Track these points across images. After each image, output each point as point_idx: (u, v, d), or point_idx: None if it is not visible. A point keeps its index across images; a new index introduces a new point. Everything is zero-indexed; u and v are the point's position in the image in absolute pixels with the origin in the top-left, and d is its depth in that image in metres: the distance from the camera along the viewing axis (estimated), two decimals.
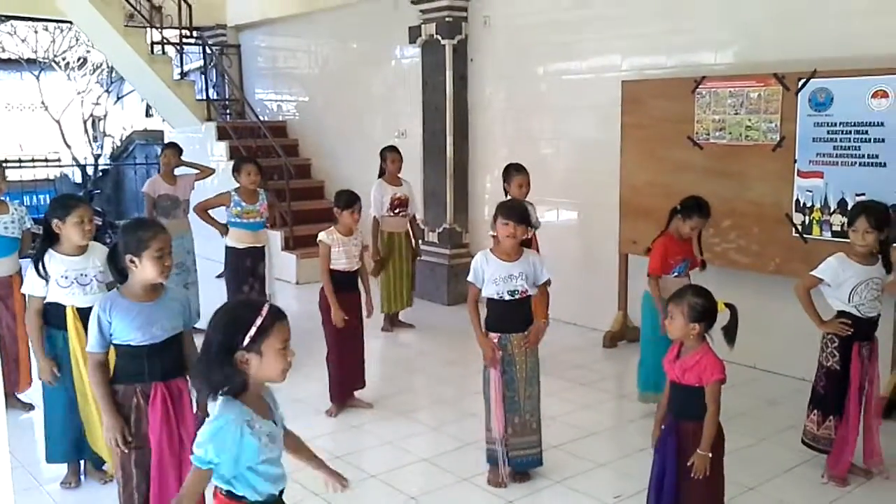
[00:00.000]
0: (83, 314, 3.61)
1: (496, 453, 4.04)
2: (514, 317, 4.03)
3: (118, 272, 3.09)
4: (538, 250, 5.84)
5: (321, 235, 5.06)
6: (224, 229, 5.94)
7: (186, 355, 3.21)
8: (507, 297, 3.96)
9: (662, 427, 3.24)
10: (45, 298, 3.84)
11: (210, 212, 6.22)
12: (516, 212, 3.97)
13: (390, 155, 6.89)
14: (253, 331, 2.12)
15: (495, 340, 4.00)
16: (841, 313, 4.03)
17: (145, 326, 3.03)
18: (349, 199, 5.07)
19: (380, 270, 6.79)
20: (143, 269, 3.02)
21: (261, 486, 2.20)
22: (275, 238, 9.02)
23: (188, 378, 3.15)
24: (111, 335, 3.04)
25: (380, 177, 6.92)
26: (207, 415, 3.16)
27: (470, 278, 4.04)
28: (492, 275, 3.95)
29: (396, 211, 6.82)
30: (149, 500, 3.09)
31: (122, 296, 3.07)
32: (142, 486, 3.11)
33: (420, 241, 7.25)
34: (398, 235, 6.89)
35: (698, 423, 3.11)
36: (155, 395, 3.06)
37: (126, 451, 3.08)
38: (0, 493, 1.12)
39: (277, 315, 2.19)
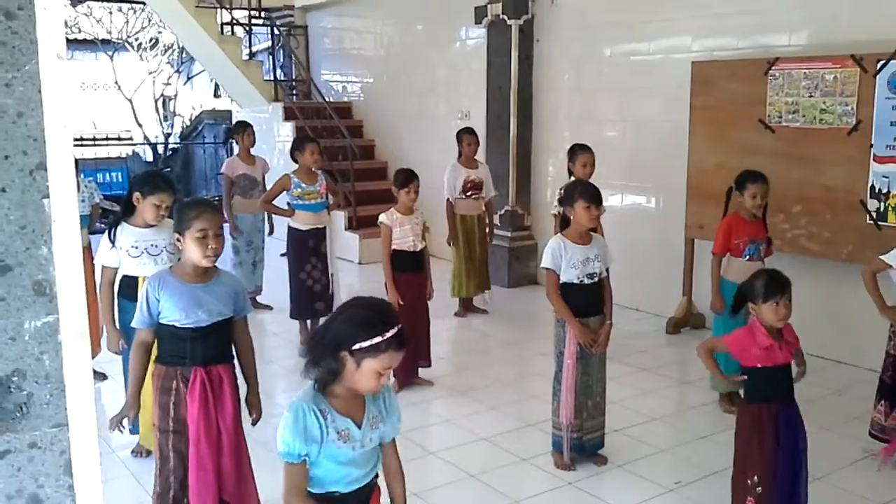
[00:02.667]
0: None
1: (562, 440, 4.03)
2: (593, 300, 4.00)
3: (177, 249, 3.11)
4: (603, 234, 5.81)
5: (382, 217, 5.11)
6: (291, 212, 6.00)
7: (239, 344, 3.20)
8: (586, 281, 3.93)
9: (777, 419, 3.10)
10: (117, 270, 3.95)
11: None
12: (594, 194, 3.91)
13: (466, 137, 6.85)
14: (367, 344, 2.08)
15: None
16: None
17: (191, 308, 2.99)
18: (406, 178, 5.09)
19: (455, 241, 6.78)
20: (187, 250, 3.00)
21: (319, 477, 2.17)
22: (338, 218, 9.14)
23: (234, 366, 3.16)
24: (158, 314, 3.02)
25: (457, 159, 6.89)
26: (259, 416, 3.21)
27: (548, 265, 3.94)
28: (570, 259, 3.89)
29: (469, 194, 6.77)
30: (185, 485, 3.07)
31: (173, 274, 3.05)
32: (178, 471, 3.08)
33: (493, 225, 7.19)
34: (471, 218, 6.83)
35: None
36: (195, 380, 3.02)
37: (120, 430, 3.13)
38: (89, 459, 1.17)
39: (396, 343, 2.12)
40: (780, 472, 3.09)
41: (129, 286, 3.93)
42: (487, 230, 6.99)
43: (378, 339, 2.08)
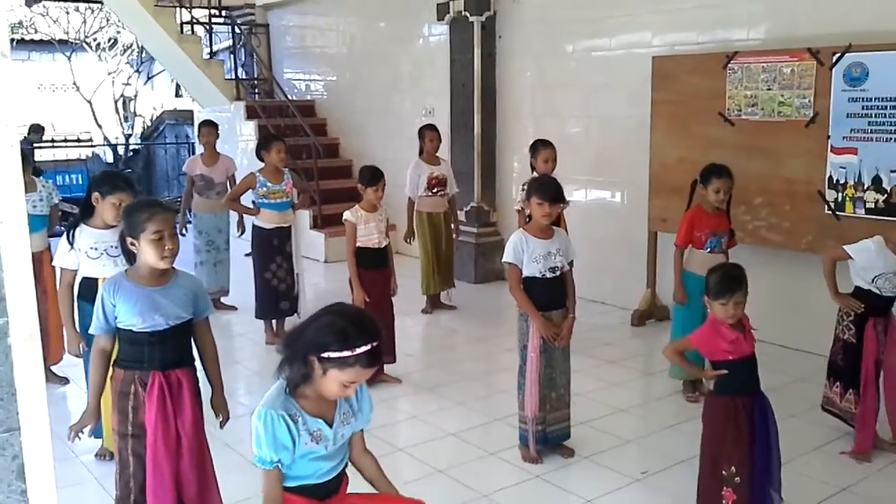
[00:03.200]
0: None
1: (528, 433, 4.06)
2: (556, 294, 4.02)
3: (127, 254, 3.02)
4: (567, 229, 5.83)
5: (346, 214, 5.09)
6: (256, 211, 5.96)
7: (201, 346, 3.15)
8: (548, 275, 3.94)
9: (752, 411, 3.14)
10: (76, 272, 3.89)
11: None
12: (551, 191, 3.91)
13: (428, 133, 6.82)
14: (335, 356, 2.09)
15: None
16: (859, 290, 4.04)
17: (147, 312, 2.92)
18: (373, 176, 5.08)
19: (410, 236, 6.78)
20: (143, 253, 2.93)
21: (291, 474, 2.20)
22: (303, 217, 9.08)
23: (195, 369, 3.11)
24: (115, 318, 2.95)
25: (419, 156, 6.87)
26: (226, 418, 3.18)
27: (510, 259, 3.95)
28: (532, 254, 3.91)
29: (434, 191, 6.76)
30: (145, 489, 3.02)
31: (128, 278, 2.97)
32: (138, 475, 3.03)
33: (458, 222, 7.19)
34: (437, 216, 6.82)
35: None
36: (153, 384, 2.97)
37: (78, 438, 3.09)
38: (42, 463, 1.15)
39: (367, 361, 2.12)
40: (758, 462, 3.13)
41: (89, 288, 3.86)
42: (454, 226, 7.00)
43: (347, 354, 2.09)
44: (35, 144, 13.87)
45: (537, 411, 4.01)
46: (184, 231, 6.86)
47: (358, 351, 2.08)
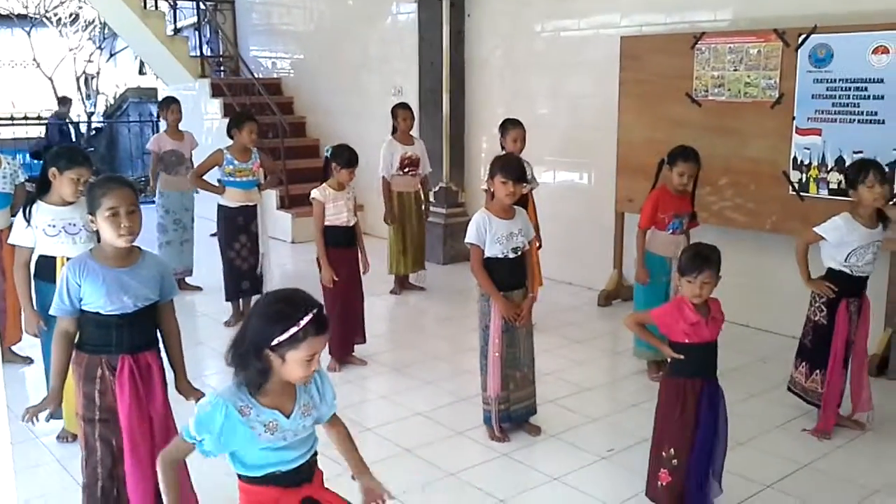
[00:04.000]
0: None
1: (490, 415, 4.06)
2: (517, 273, 4.02)
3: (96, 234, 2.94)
4: (535, 209, 5.84)
5: (314, 193, 5.03)
6: (222, 189, 5.87)
7: (165, 329, 3.06)
8: (510, 255, 3.93)
9: (700, 395, 3.15)
10: (33, 250, 3.81)
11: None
12: (514, 170, 3.89)
13: (401, 112, 6.74)
14: (284, 336, 2.06)
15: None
16: (831, 271, 4.06)
17: (114, 294, 2.83)
18: (351, 158, 5.01)
19: (392, 217, 6.71)
20: (101, 230, 2.83)
21: (254, 464, 2.17)
22: (270, 197, 8.98)
23: (160, 351, 3.05)
24: (80, 300, 2.85)
25: (392, 135, 6.79)
26: (198, 396, 3.08)
27: (472, 240, 3.93)
28: (494, 234, 3.90)
29: (406, 170, 6.69)
30: (114, 476, 2.97)
31: (94, 258, 2.87)
32: (106, 461, 2.96)
33: (429, 202, 7.13)
34: (408, 195, 6.76)
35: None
36: (122, 368, 2.89)
37: (35, 421, 2.97)
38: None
39: (316, 327, 2.09)
40: (699, 447, 3.15)
41: (47, 267, 3.79)
42: (424, 207, 6.95)
43: (294, 330, 2.06)
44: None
45: (499, 390, 4.01)
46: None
47: (303, 323, 2.07)
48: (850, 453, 3.99)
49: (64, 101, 14.15)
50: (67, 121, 14.30)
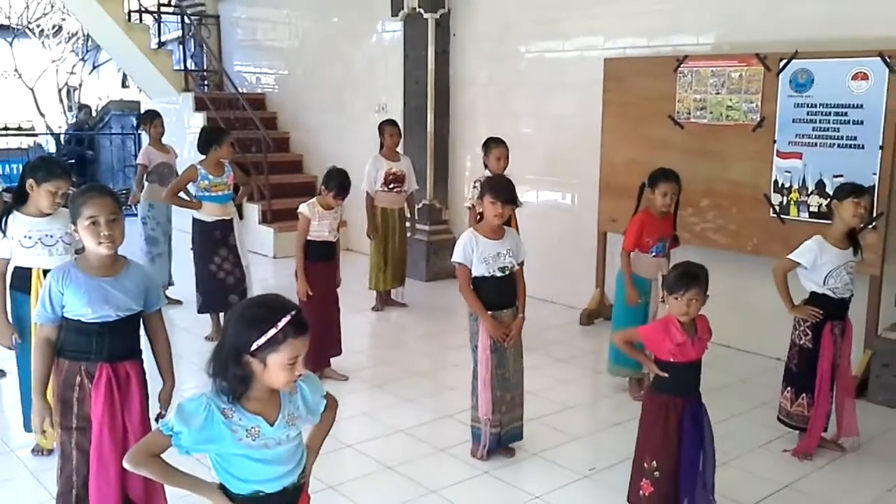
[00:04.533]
0: None
1: (480, 432, 4.03)
2: (506, 293, 4.00)
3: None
4: (517, 228, 5.85)
5: (302, 207, 5.03)
6: (198, 204, 5.83)
7: (153, 338, 3.08)
8: (498, 275, 3.92)
9: (682, 412, 3.16)
10: (8, 261, 3.77)
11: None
12: (505, 192, 3.87)
13: (388, 128, 6.77)
14: (262, 340, 2.03)
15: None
16: (814, 295, 4.08)
17: (97, 303, 2.83)
18: (341, 186, 5.01)
19: (373, 232, 6.70)
20: (82, 239, 2.83)
21: (239, 476, 2.12)
22: (252, 212, 8.97)
23: (142, 362, 3.03)
24: (63, 307, 2.85)
25: (379, 151, 6.79)
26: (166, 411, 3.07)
27: (459, 259, 3.92)
28: (481, 254, 3.88)
29: (391, 186, 6.69)
30: (88, 484, 2.93)
31: (78, 267, 2.87)
32: (81, 469, 2.94)
33: (414, 219, 7.13)
34: (391, 212, 6.76)
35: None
36: (100, 376, 2.88)
37: (45, 435, 2.96)
38: None
39: (295, 329, 2.06)
40: (686, 461, 3.17)
41: (22, 278, 3.76)
42: (409, 224, 6.95)
43: (273, 332, 2.04)
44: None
45: (490, 414, 3.97)
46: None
47: (281, 324, 2.04)
48: (831, 474, 4.01)
49: (83, 109, 13.88)
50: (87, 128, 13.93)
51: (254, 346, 2.04)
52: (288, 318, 2.06)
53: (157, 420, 3.14)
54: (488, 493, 3.79)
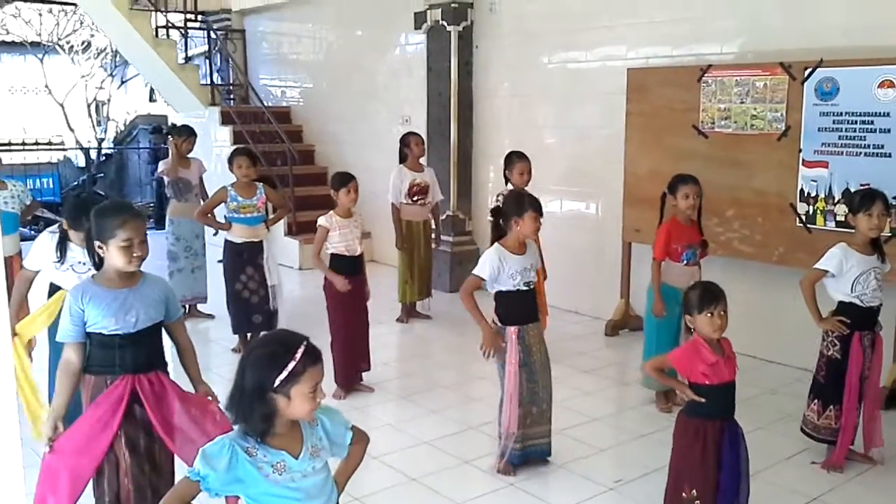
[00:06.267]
0: None
1: (506, 448, 4.01)
2: (530, 306, 4.02)
3: (92, 254, 2.98)
4: (539, 240, 5.85)
5: (321, 220, 5.09)
6: (228, 226, 5.87)
7: (180, 346, 3.16)
8: (524, 288, 3.94)
9: (721, 435, 3.11)
10: (36, 273, 3.88)
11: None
12: (540, 205, 3.96)
13: (414, 139, 6.78)
14: (284, 374, 2.07)
15: (514, 333, 3.93)
16: (842, 304, 4.03)
17: (119, 314, 2.89)
18: (342, 179, 5.08)
19: (402, 243, 6.72)
20: (110, 257, 2.90)
21: None
22: (278, 224, 9.01)
23: (166, 373, 3.07)
24: (85, 324, 2.90)
25: (401, 162, 6.82)
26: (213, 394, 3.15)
27: (482, 274, 3.93)
28: (510, 271, 3.90)
29: (415, 199, 6.72)
30: (120, 497, 2.98)
31: (96, 283, 2.95)
32: (113, 483, 2.99)
33: (440, 230, 7.14)
34: (416, 224, 6.79)
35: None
36: (116, 386, 2.93)
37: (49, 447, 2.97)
38: (11, 469, 1.13)
39: (311, 359, 2.12)
40: (724, 487, 3.10)
41: (53, 293, 3.88)
42: (434, 235, 6.97)
43: (292, 364, 2.09)
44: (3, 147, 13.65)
45: (515, 429, 3.96)
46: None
47: (298, 356, 2.09)
48: (859, 487, 3.97)
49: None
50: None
51: (276, 382, 2.08)
52: (303, 348, 2.11)
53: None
54: None
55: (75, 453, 2.95)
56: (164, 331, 3.12)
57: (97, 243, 2.92)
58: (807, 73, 5.26)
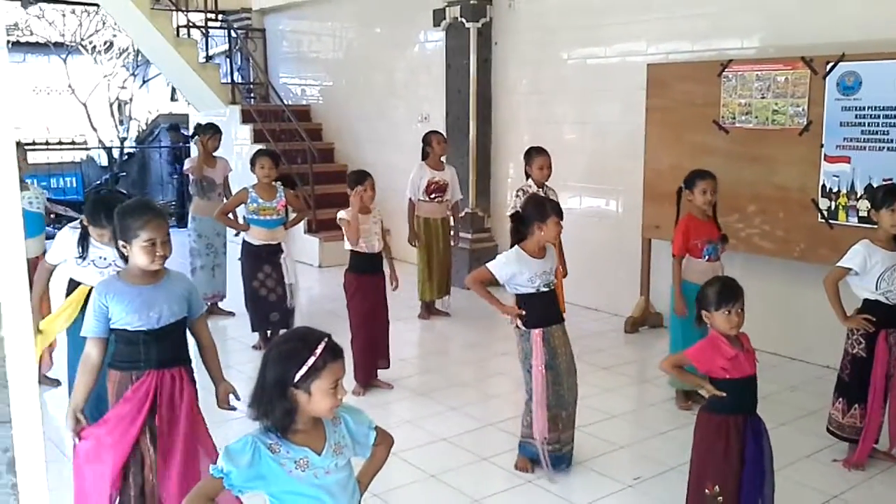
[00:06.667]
0: None
1: (535, 449, 3.97)
2: (553, 307, 4.01)
3: (120, 254, 3.04)
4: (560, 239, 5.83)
5: (340, 213, 5.09)
6: (246, 227, 5.92)
7: (201, 342, 3.20)
8: (544, 289, 3.93)
9: (744, 430, 3.08)
10: (55, 267, 3.94)
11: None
12: (561, 210, 3.96)
13: (436, 137, 6.80)
14: (304, 370, 2.09)
15: (539, 336, 3.91)
16: (867, 302, 3.99)
17: (142, 310, 2.94)
18: (358, 177, 5.10)
19: (415, 238, 6.74)
20: (134, 256, 2.95)
21: None
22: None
23: (191, 369, 3.12)
24: (109, 320, 2.96)
25: (423, 160, 6.82)
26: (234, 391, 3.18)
27: (494, 270, 3.93)
28: (528, 274, 3.89)
29: (432, 196, 6.73)
30: (145, 492, 3.02)
31: (121, 279, 3.00)
32: (138, 478, 3.03)
33: (458, 229, 7.14)
34: (434, 221, 6.80)
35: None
36: (142, 382, 2.98)
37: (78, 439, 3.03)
38: (33, 457, 1.14)
39: (332, 354, 2.13)
40: (748, 483, 3.07)
41: (71, 288, 3.92)
42: (452, 233, 6.98)
43: (313, 360, 2.10)
44: (28, 147, 13.78)
45: (547, 433, 3.93)
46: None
47: (319, 351, 2.11)
48: (880, 486, 3.93)
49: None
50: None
51: (297, 378, 2.09)
52: (323, 344, 2.12)
53: (238, 398, 3.17)
54: (532, 502, 3.79)
55: (104, 449, 3.00)
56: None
57: (121, 243, 2.97)
58: (828, 67, 5.21)
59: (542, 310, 3.95)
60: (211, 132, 6.99)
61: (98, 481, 3.01)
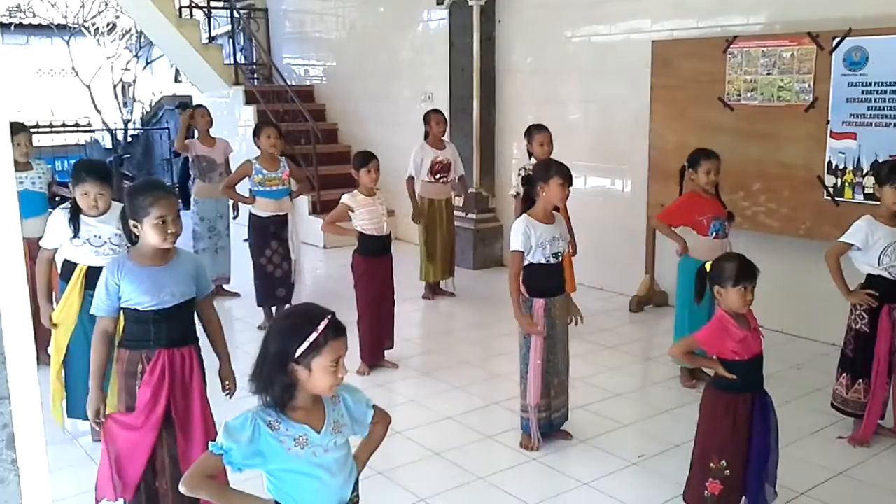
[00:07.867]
0: (95, 275, 3.48)
1: (529, 421, 4.02)
2: (557, 279, 4.00)
3: (129, 235, 3.05)
4: (568, 215, 5.82)
5: (344, 197, 5.10)
6: (252, 199, 5.94)
7: (207, 321, 3.22)
8: (552, 261, 3.91)
9: (752, 407, 3.10)
10: (55, 251, 3.93)
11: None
12: (567, 171, 3.91)
13: (435, 116, 6.76)
14: (305, 345, 2.08)
15: (542, 306, 3.92)
16: (870, 277, 3.98)
17: (153, 291, 2.96)
18: (364, 158, 5.10)
19: (419, 216, 6.72)
20: (145, 235, 2.96)
21: (295, 496, 2.15)
22: (302, 203, 9.06)
23: (199, 348, 3.15)
24: (119, 298, 2.98)
25: (424, 139, 6.80)
26: (234, 385, 3.20)
27: (518, 247, 3.87)
28: (538, 239, 3.86)
29: (437, 177, 6.69)
30: (154, 469, 3.06)
31: (131, 259, 3.02)
32: (163, 455, 3.07)
33: (468, 198, 7.11)
34: (438, 202, 6.77)
35: None
36: (156, 361, 3.00)
37: (97, 425, 3.06)
38: (32, 433, 1.14)
39: (334, 332, 2.12)
40: (754, 457, 3.10)
41: (68, 270, 3.92)
42: (462, 203, 6.93)
43: (314, 336, 2.09)
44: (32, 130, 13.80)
45: (539, 399, 3.98)
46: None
47: (321, 327, 2.10)
48: (886, 461, 3.93)
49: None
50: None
51: (298, 353, 2.09)
52: (326, 321, 2.12)
53: (230, 396, 3.26)
54: (536, 479, 3.81)
55: (135, 430, 3.03)
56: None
57: (132, 222, 2.98)
58: (835, 42, 5.16)
59: (546, 280, 3.94)
60: (202, 109, 7.06)
61: (133, 449, 3.04)
